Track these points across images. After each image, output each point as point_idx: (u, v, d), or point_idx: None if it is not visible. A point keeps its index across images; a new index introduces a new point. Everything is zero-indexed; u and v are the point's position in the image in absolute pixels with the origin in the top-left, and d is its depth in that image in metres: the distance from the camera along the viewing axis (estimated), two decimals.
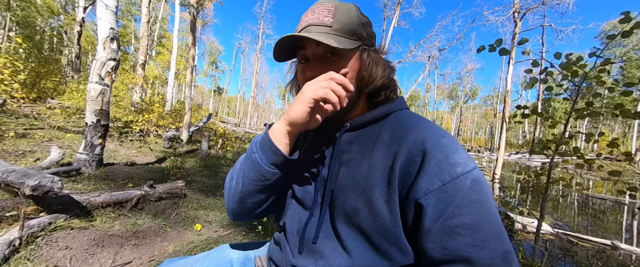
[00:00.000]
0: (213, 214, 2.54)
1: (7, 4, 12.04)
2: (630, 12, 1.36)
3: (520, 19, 8.35)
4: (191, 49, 7.28)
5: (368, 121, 0.54)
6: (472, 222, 0.38)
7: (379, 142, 0.50)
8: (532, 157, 15.93)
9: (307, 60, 0.53)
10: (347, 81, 0.46)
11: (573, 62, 1.57)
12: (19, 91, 6.08)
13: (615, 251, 2.97)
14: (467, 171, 0.41)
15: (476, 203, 0.40)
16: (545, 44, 16.43)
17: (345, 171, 0.52)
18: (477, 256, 0.37)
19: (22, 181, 1.71)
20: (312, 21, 0.49)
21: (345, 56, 0.50)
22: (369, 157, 0.49)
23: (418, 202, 0.41)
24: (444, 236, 0.39)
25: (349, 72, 0.51)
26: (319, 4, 0.51)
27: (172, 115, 8.44)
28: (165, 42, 23.11)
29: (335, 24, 0.48)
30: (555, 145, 1.69)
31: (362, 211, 0.47)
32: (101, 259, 1.55)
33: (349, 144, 0.54)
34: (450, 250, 0.39)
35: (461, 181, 0.40)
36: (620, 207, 5.62)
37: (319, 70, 0.50)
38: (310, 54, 0.51)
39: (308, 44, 0.50)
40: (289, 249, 0.56)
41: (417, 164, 0.43)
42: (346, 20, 0.49)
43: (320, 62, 0.51)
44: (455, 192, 0.40)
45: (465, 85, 35.27)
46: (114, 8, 3.11)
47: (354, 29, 0.49)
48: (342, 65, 0.50)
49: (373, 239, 0.46)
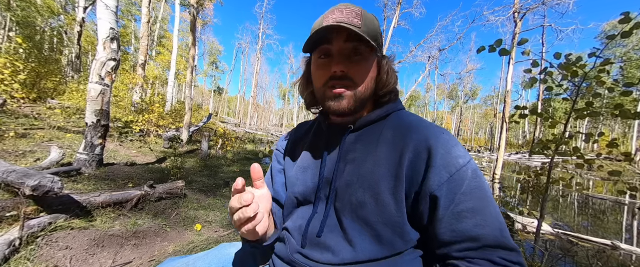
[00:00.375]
0: (213, 214, 2.54)
1: (7, 4, 12.04)
2: (629, 12, 1.36)
3: (520, 19, 8.35)
4: (191, 49, 7.28)
5: (371, 120, 0.58)
6: (475, 206, 0.45)
7: (382, 140, 0.54)
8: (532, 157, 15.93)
9: (327, 56, 0.54)
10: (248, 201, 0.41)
11: (573, 63, 1.57)
12: (19, 91, 6.07)
13: (615, 251, 2.97)
14: (467, 162, 0.47)
15: (477, 189, 0.46)
16: (545, 44, 16.43)
17: (350, 168, 0.54)
18: (482, 233, 0.43)
19: (22, 181, 1.71)
20: (342, 20, 0.50)
21: (368, 58, 0.53)
22: (374, 154, 0.53)
23: (433, 195, 0.46)
24: (453, 221, 0.45)
25: (371, 73, 0.55)
26: (344, 5, 0.53)
27: (172, 115, 8.44)
28: (165, 42, 23.11)
29: (363, 27, 0.50)
30: (555, 145, 1.69)
31: (368, 204, 0.50)
32: (101, 259, 1.55)
33: (353, 144, 0.57)
34: (459, 232, 0.44)
35: (464, 171, 0.46)
36: (620, 207, 5.62)
37: (345, 66, 0.52)
38: (336, 49, 0.53)
39: (335, 39, 0.52)
40: (293, 242, 0.58)
41: (424, 160, 0.48)
42: (371, 26, 0.52)
43: (345, 59, 0.53)
44: (461, 181, 0.46)
45: (465, 85, 35.27)
46: (114, 8, 3.11)
47: (375, 35, 0.52)
48: (363, 65, 0.53)
49: (378, 230, 0.49)
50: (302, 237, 0.56)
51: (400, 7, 13.64)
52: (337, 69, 0.52)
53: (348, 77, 0.52)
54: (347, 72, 0.52)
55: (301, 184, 0.61)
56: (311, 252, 0.54)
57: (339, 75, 0.52)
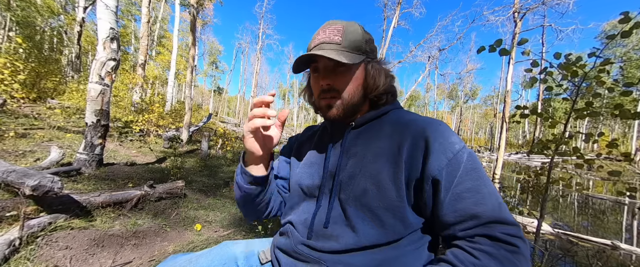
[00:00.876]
0: (213, 214, 2.54)
1: (7, 4, 12.04)
2: (629, 12, 1.36)
3: (520, 19, 8.34)
4: (191, 49, 7.28)
5: (370, 118, 0.63)
6: (473, 186, 0.48)
7: (382, 135, 0.59)
8: (532, 157, 15.92)
9: (317, 71, 0.62)
10: (265, 111, 0.57)
11: (573, 63, 1.57)
12: (19, 91, 6.07)
13: (615, 251, 2.97)
14: (462, 147, 0.51)
15: (473, 170, 0.49)
16: (545, 44, 16.41)
17: (353, 161, 0.59)
18: (481, 210, 0.46)
19: (22, 181, 1.71)
20: (324, 39, 0.58)
21: (351, 68, 0.59)
22: (375, 146, 0.58)
23: (435, 179, 0.49)
24: (454, 202, 0.48)
25: (356, 81, 0.60)
26: (329, 25, 0.60)
27: (172, 115, 8.44)
28: (165, 42, 23.10)
29: (343, 42, 0.57)
30: (555, 145, 1.69)
31: (370, 191, 0.54)
32: (101, 259, 1.55)
33: (354, 140, 0.62)
34: (460, 211, 0.47)
35: (460, 155, 0.50)
36: (620, 207, 5.62)
37: (330, 80, 0.59)
38: (322, 66, 0.60)
39: (320, 59, 0.59)
40: (297, 234, 0.61)
41: (422, 148, 0.51)
42: (352, 38, 0.58)
43: (330, 73, 0.59)
44: (458, 164, 0.49)
45: (465, 85, 35.25)
46: (114, 8, 3.11)
47: (359, 45, 0.58)
48: (349, 76, 0.59)
49: (380, 215, 0.53)
50: (308, 230, 0.59)
51: (400, 7, 13.62)
52: (324, 84, 0.59)
53: (334, 89, 0.59)
54: (332, 84, 0.59)
55: (308, 177, 0.66)
56: (316, 243, 0.56)
57: (326, 89, 0.59)
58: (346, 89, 0.59)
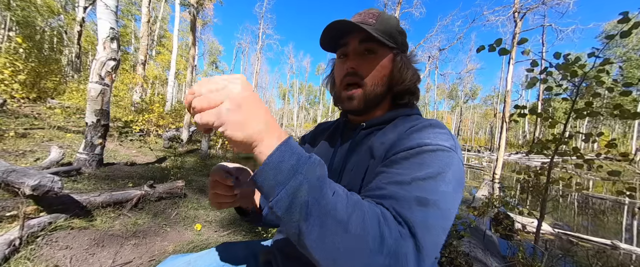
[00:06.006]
0: (213, 214, 2.54)
1: (7, 4, 12.04)
2: (629, 12, 1.36)
3: (520, 19, 8.35)
4: (191, 48, 7.28)
5: (383, 121, 0.60)
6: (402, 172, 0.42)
7: (383, 135, 0.57)
8: (532, 157, 15.91)
9: (345, 55, 0.60)
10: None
11: (572, 63, 1.57)
12: (19, 91, 6.07)
13: (615, 250, 2.97)
14: (436, 146, 0.44)
15: (415, 161, 0.42)
16: (545, 44, 16.41)
17: (354, 159, 0.58)
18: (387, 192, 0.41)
19: (22, 181, 1.71)
20: (357, 20, 0.56)
21: (381, 55, 0.57)
22: (372, 145, 0.56)
23: (387, 160, 0.46)
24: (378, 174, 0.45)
25: (382, 70, 0.57)
26: (366, 10, 0.59)
27: (172, 115, 8.44)
28: (165, 42, 23.11)
29: (377, 25, 0.55)
30: (555, 145, 1.69)
31: (357, 186, 0.52)
32: (101, 259, 1.55)
33: (363, 140, 0.60)
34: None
35: (423, 148, 0.43)
36: (620, 207, 5.62)
37: (356, 63, 0.57)
38: (351, 49, 0.58)
39: (351, 42, 0.57)
40: None
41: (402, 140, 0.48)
42: (386, 24, 0.56)
43: (358, 57, 0.58)
44: (411, 152, 0.43)
45: (465, 85, 35.28)
46: (114, 8, 3.11)
47: (391, 32, 0.57)
48: (376, 62, 0.57)
49: None
50: None
51: (400, 7, 13.62)
52: (349, 66, 0.57)
53: (358, 74, 0.57)
54: (357, 69, 0.57)
55: None
56: None
57: (351, 72, 0.57)
58: (370, 75, 0.56)
